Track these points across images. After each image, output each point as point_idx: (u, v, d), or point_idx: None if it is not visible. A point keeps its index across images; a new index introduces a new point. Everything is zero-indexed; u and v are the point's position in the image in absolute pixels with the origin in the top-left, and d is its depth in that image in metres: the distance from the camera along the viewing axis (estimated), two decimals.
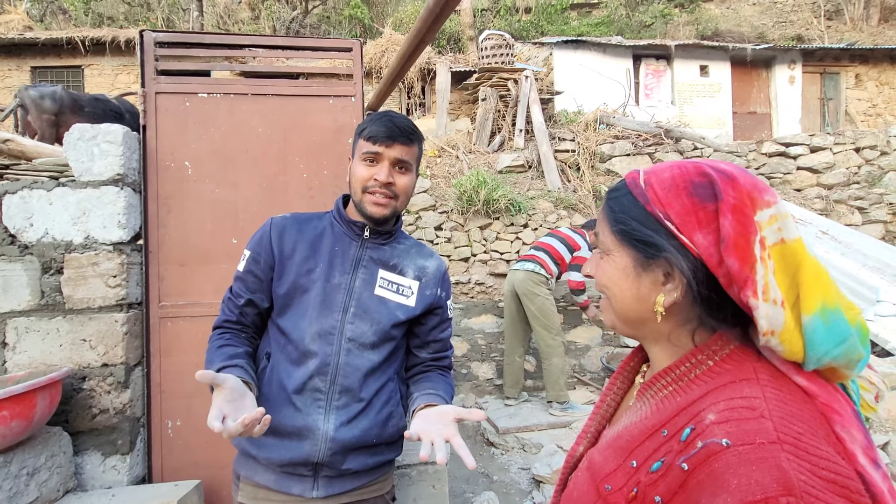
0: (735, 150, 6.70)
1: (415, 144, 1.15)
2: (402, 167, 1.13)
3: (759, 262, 0.52)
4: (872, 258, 4.41)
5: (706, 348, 0.58)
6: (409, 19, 11.79)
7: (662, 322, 0.60)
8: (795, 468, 0.44)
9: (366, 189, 1.11)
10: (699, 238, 0.55)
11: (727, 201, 0.54)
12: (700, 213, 0.55)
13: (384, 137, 1.09)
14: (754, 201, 0.54)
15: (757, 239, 0.53)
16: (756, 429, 0.47)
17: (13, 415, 1.48)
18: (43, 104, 4.82)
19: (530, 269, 4.05)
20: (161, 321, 1.98)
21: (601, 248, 0.66)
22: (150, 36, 2.04)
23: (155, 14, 11.68)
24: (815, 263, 0.54)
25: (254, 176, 2.07)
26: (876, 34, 12.73)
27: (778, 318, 0.52)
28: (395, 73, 2.26)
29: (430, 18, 1.51)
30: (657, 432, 0.56)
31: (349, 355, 1.11)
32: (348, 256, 1.16)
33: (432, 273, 1.22)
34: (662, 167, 0.61)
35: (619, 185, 0.65)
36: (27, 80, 8.90)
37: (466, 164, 6.59)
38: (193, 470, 1.96)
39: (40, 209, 1.85)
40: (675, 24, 12.73)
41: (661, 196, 0.58)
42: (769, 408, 0.49)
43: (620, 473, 0.57)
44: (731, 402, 0.51)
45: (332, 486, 1.10)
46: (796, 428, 0.48)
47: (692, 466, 0.49)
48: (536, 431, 3.81)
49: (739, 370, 0.55)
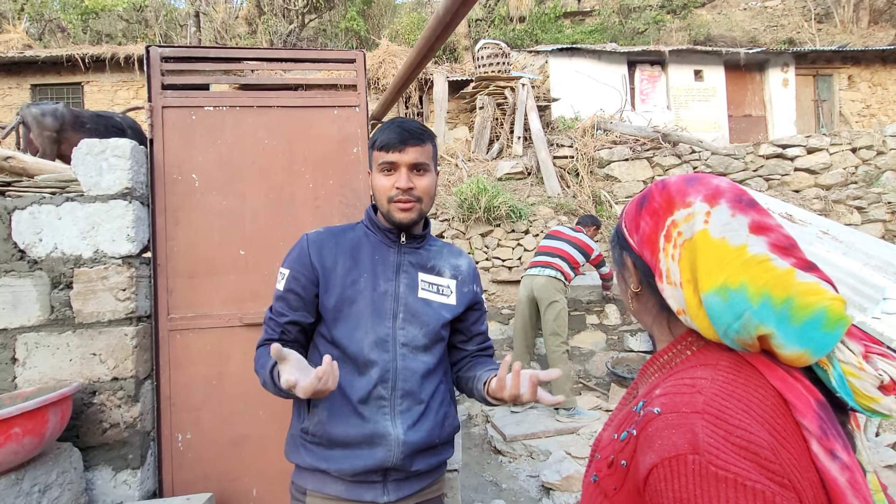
0: (732, 153, 6.74)
1: (427, 143, 1.16)
2: (419, 169, 1.15)
3: (661, 252, 0.64)
4: (874, 257, 4.41)
5: (682, 339, 0.65)
6: (405, 31, 11.91)
7: (638, 310, 0.73)
8: (708, 433, 0.50)
9: (391, 199, 1.13)
10: (635, 238, 0.69)
11: (650, 206, 0.67)
12: (637, 218, 0.69)
13: (396, 144, 1.11)
14: (672, 203, 0.64)
15: (663, 234, 0.64)
16: (686, 401, 0.54)
17: (25, 431, 1.47)
18: (44, 121, 4.84)
19: (552, 275, 4.06)
20: (170, 334, 1.97)
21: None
22: (157, 51, 2.06)
23: (153, 30, 11.78)
24: (723, 251, 0.59)
25: (260, 187, 2.08)
26: (866, 36, 12.87)
27: (679, 296, 0.62)
28: (402, 81, 2.28)
29: (440, 27, 1.53)
30: (633, 408, 0.64)
31: (405, 360, 1.14)
32: (389, 263, 1.18)
33: (466, 271, 1.27)
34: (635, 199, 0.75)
35: None
36: (27, 98, 8.94)
37: (466, 172, 6.61)
38: (204, 483, 1.95)
39: (49, 224, 1.86)
40: (668, 30, 12.87)
41: (625, 209, 0.73)
42: (710, 386, 0.55)
43: (607, 444, 0.65)
44: (679, 380, 0.58)
45: (401, 489, 1.12)
46: (726, 404, 0.53)
47: (637, 431, 0.57)
48: (544, 438, 3.80)
49: (707, 358, 0.61)
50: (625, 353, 4.80)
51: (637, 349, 4.78)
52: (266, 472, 1.99)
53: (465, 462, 2.91)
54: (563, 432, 3.84)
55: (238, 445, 1.98)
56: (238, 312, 2.01)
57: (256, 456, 1.98)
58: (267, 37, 11.76)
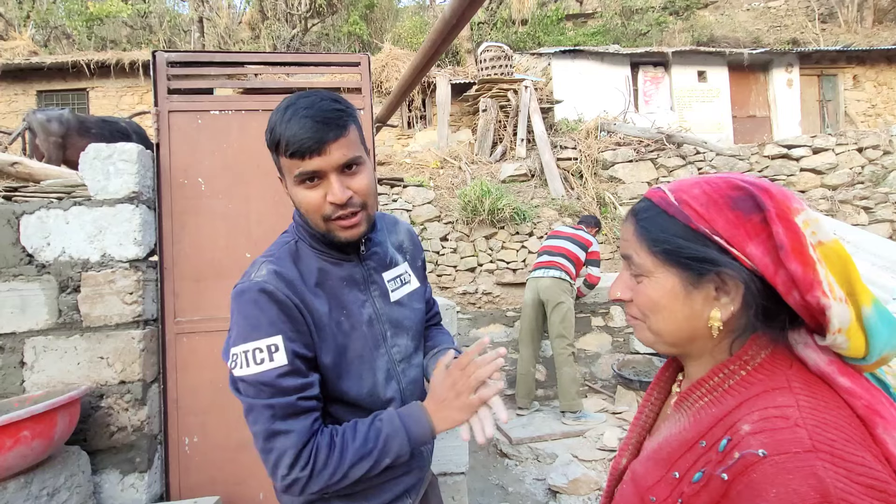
0: (737, 154, 6.72)
1: (350, 126, 0.88)
2: (350, 167, 0.88)
3: (818, 264, 0.53)
4: (883, 257, 4.39)
5: (738, 358, 0.58)
6: (407, 34, 11.94)
7: (704, 338, 0.60)
8: (832, 475, 0.45)
9: (327, 218, 0.88)
10: (752, 249, 0.55)
11: (771, 211, 0.55)
12: (747, 225, 0.56)
13: (312, 146, 0.82)
14: (790, 209, 0.55)
15: (808, 242, 0.54)
16: (790, 438, 0.48)
17: (34, 434, 1.47)
18: (50, 127, 4.88)
19: (557, 276, 4.00)
20: (177, 337, 1.98)
21: (636, 271, 0.63)
22: (163, 56, 2.07)
23: (157, 36, 11.87)
24: (852, 262, 0.55)
25: (266, 190, 2.09)
26: (871, 36, 12.83)
27: (846, 314, 0.53)
28: (408, 83, 2.30)
29: (446, 29, 1.54)
30: (696, 444, 0.57)
31: (407, 373, 1.02)
32: (357, 281, 0.97)
33: (409, 242, 1.12)
34: (687, 184, 0.61)
35: (645, 205, 0.64)
36: (33, 104, 9.02)
37: (469, 175, 6.62)
38: (211, 487, 1.95)
39: (57, 228, 1.87)
40: (671, 32, 12.87)
41: (702, 212, 0.58)
42: (802, 416, 0.50)
43: (664, 485, 0.58)
44: (765, 412, 0.52)
45: (422, 484, 1.08)
46: (830, 435, 0.48)
47: (731, 476, 0.50)
48: (550, 441, 3.78)
49: (772, 379, 0.55)
50: (631, 355, 4.78)
51: (643, 351, 4.76)
52: None
53: (471, 465, 2.90)
54: (570, 435, 3.83)
55: (245, 449, 1.97)
56: None
57: None
58: (270, 41, 11.83)
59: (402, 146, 9.10)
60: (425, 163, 7.17)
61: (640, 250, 0.62)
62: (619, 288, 0.67)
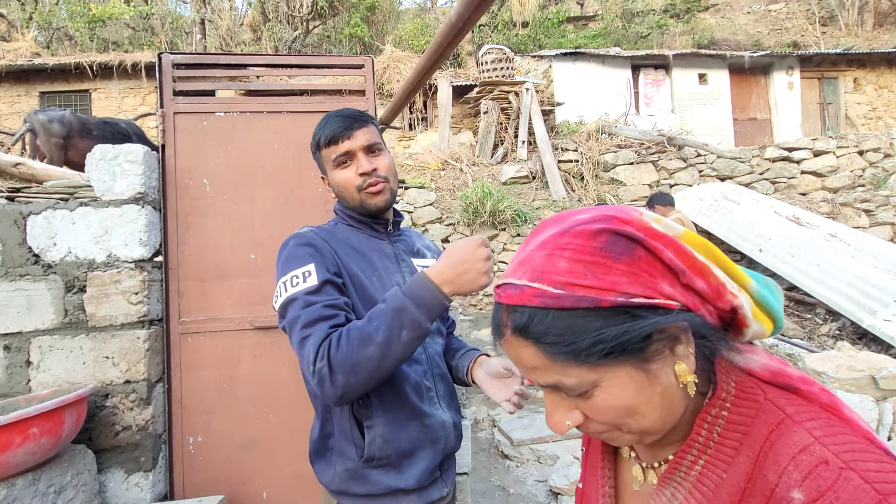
0: (738, 156, 6.73)
1: (370, 124, 1.12)
2: (374, 150, 1.11)
3: (707, 265, 0.49)
4: (883, 260, 4.39)
5: (717, 398, 0.52)
6: (408, 37, 11.98)
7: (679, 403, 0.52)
8: None
9: (359, 188, 1.09)
10: (666, 289, 0.48)
11: (644, 238, 0.48)
12: (640, 265, 0.48)
13: (342, 132, 1.08)
14: (643, 220, 0.49)
15: (687, 249, 0.49)
16: (853, 491, 0.42)
17: (42, 432, 1.49)
18: (52, 128, 4.90)
19: None
20: (181, 337, 1.99)
21: (577, 391, 0.51)
22: (168, 58, 2.09)
23: (159, 38, 11.91)
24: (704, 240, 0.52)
25: (270, 191, 2.10)
26: (871, 39, 12.86)
27: (747, 302, 0.50)
28: (413, 86, 2.31)
29: (452, 33, 1.55)
30: None
31: (433, 345, 1.13)
32: (388, 255, 1.13)
33: (433, 249, 1.28)
34: (538, 266, 0.50)
35: (525, 316, 0.49)
36: (36, 105, 9.05)
37: (471, 177, 6.63)
38: (215, 486, 1.96)
39: (63, 229, 1.88)
40: (672, 34, 12.90)
41: (597, 284, 0.47)
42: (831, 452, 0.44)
43: None
44: (800, 465, 0.44)
45: (450, 474, 1.11)
46: (876, 466, 0.43)
47: None
48: (552, 442, 3.78)
49: (761, 413, 0.49)
50: None
51: None
52: (276, 476, 2.00)
53: (472, 466, 2.91)
54: (572, 437, 3.82)
55: (248, 448, 1.98)
56: (249, 316, 2.02)
57: (267, 459, 1.99)
58: (272, 43, 11.86)
59: (404, 148, 9.13)
60: (427, 165, 7.19)
61: (566, 370, 0.49)
62: (565, 417, 0.53)
